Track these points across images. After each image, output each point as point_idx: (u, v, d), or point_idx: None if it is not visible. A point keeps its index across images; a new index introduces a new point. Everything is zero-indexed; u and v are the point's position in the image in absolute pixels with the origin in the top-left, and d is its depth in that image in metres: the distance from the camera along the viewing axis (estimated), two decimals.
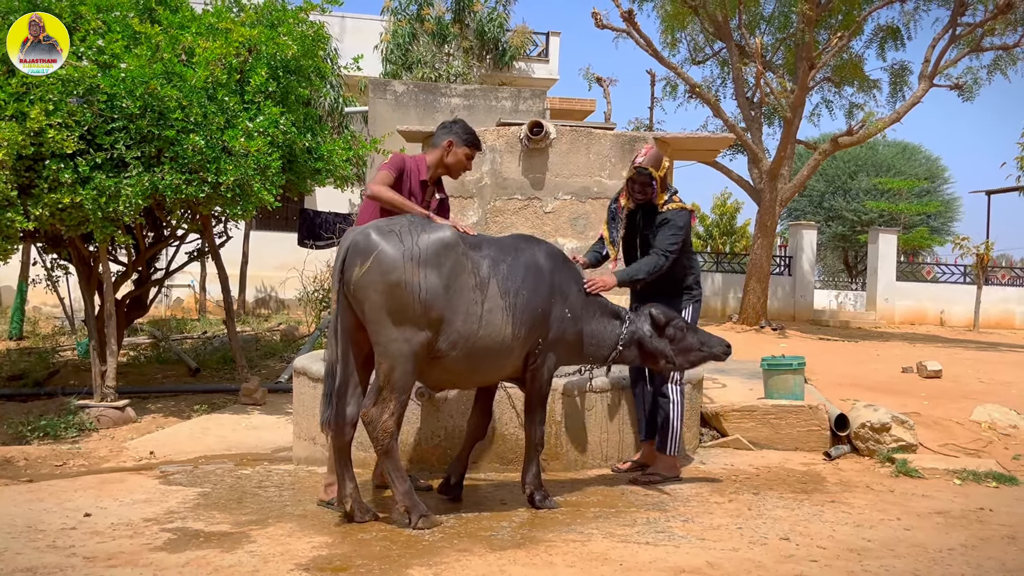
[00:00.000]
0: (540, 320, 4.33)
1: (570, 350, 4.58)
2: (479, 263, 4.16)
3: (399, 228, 4.01)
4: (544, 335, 4.37)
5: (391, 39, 19.53)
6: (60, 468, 5.49)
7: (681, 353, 4.77)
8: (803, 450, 6.06)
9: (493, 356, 4.21)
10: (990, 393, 7.88)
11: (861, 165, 30.12)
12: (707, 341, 4.86)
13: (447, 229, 4.12)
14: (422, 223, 4.10)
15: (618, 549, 3.82)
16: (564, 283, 4.49)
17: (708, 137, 9.08)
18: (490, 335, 4.14)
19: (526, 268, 4.31)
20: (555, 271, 4.46)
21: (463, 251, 4.11)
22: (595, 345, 4.65)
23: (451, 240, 4.07)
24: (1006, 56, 17.24)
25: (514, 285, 4.22)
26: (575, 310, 4.52)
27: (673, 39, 20.12)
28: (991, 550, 3.99)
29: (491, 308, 4.14)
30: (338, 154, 7.75)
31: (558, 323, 4.42)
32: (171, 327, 13.37)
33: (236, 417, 7.20)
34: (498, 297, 4.16)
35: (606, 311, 4.71)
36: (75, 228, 6.53)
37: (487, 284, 4.15)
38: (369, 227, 4.03)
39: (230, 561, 3.57)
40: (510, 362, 4.32)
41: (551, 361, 4.45)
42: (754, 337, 14.41)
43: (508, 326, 4.18)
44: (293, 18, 7.65)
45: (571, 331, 4.52)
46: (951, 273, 21.76)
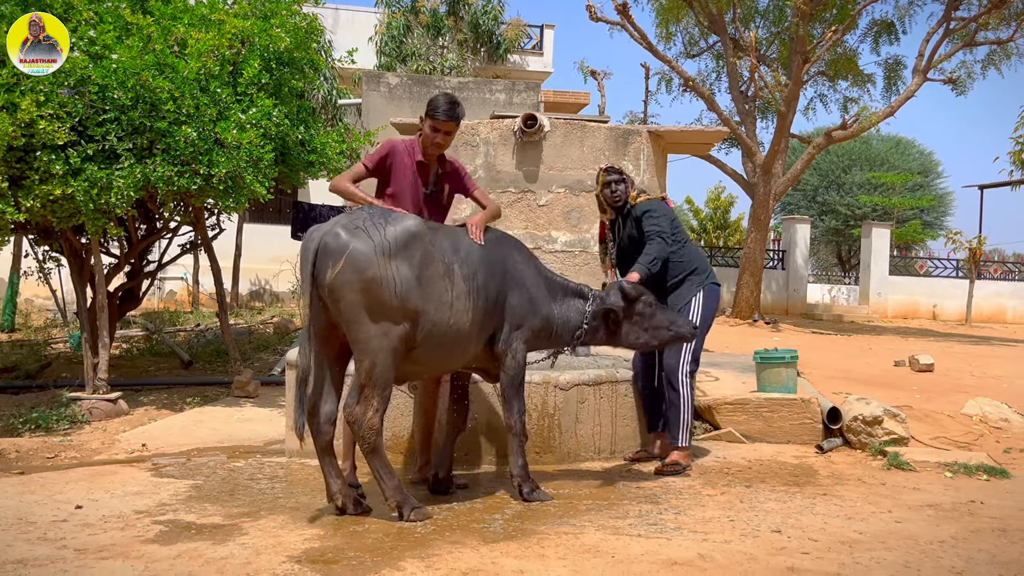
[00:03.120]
0: (496, 304, 4.33)
1: (538, 336, 4.57)
2: (444, 250, 4.16)
3: (364, 223, 3.97)
4: (503, 319, 4.38)
5: (385, 31, 19.48)
6: (52, 460, 5.47)
7: (649, 331, 4.72)
8: (795, 443, 6.07)
9: (457, 343, 4.21)
10: (982, 387, 7.91)
11: (855, 159, 30.21)
12: (675, 320, 4.81)
13: (411, 218, 4.10)
14: (384, 215, 4.05)
15: (610, 541, 3.83)
16: (517, 268, 4.49)
17: (702, 131, 9.07)
18: (457, 322, 4.14)
19: (479, 253, 4.31)
20: (506, 256, 4.47)
21: (430, 239, 4.10)
22: (563, 327, 4.65)
23: (417, 229, 4.06)
24: (1000, 51, 17.28)
25: (470, 269, 4.22)
26: (535, 295, 4.52)
27: (668, 32, 20.12)
28: (982, 542, 4.00)
29: (458, 295, 4.14)
30: (331, 147, 7.72)
31: (517, 307, 4.42)
32: (164, 320, 13.34)
33: (229, 410, 7.19)
34: (461, 283, 4.16)
35: (569, 291, 4.70)
36: (67, 220, 6.50)
37: (452, 271, 4.15)
38: (335, 226, 3.96)
39: (222, 553, 3.57)
40: (472, 348, 4.32)
41: (519, 348, 4.44)
42: (747, 331, 14.44)
43: (470, 311, 4.19)
44: (286, 10, 7.60)
45: (535, 316, 4.51)
46: (944, 267, 21.82)
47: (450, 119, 4.46)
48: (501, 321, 4.39)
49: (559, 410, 5.30)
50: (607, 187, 5.23)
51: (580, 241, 6.79)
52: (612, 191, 5.23)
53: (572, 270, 6.80)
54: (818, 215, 29.18)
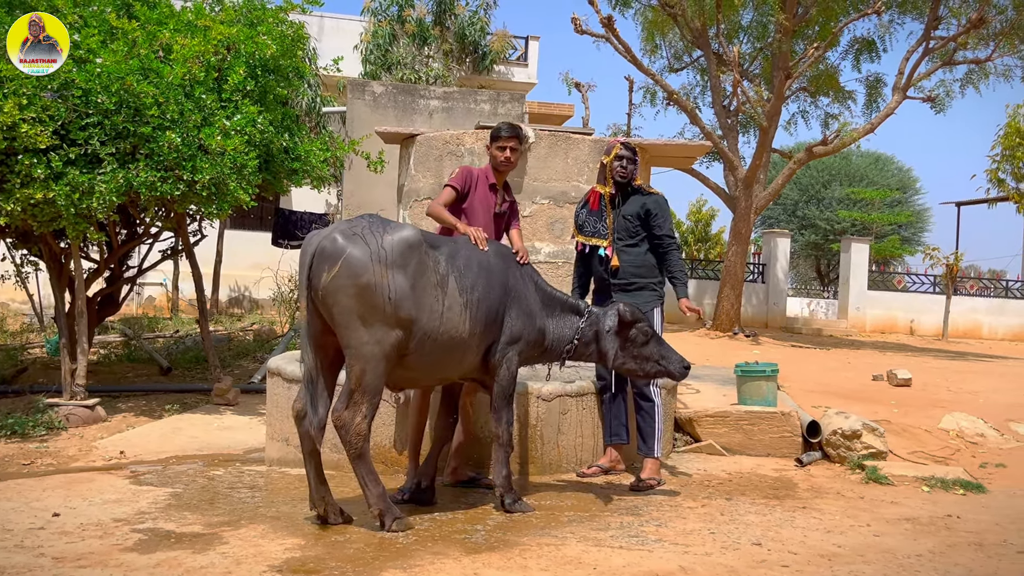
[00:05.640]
0: (495, 317, 4.37)
1: (532, 348, 4.60)
2: (438, 260, 4.20)
3: (362, 230, 4.01)
4: (500, 332, 4.40)
5: (371, 40, 19.46)
6: (28, 467, 5.41)
7: (637, 359, 4.67)
8: (775, 456, 6.11)
9: (452, 353, 4.24)
10: (958, 402, 7.99)
11: (835, 175, 30.48)
12: (668, 356, 4.71)
13: (409, 228, 4.17)
14: (383, 223, 4.10)
15: (592, 553, 3.83)
16: (517, 281, 4.54)
17: (685, 144, 9.13)
18: (449, 332, 4.17)
19: (479, 266, 4.36)
20: (507, 269, 4.52)
21: (425, 249, 4.14)
22: (557, 341, 4.68)
23: (414, 239, 4.10)
24: (978, 70, 17.48)
25: (469, 282, 4.27)
26: (531, 308, 4.56)
27: (653, 46, 20.23)
28: (958, 556, 4.04)
29: (450, 305, 4.18)
30: (315, 155, 7.70)
31: (515, 321, 4.45)
32: (143, 325, 13.22)
33: (208, 417, 7.14)
34: (456, 294, 4.21)
35: (566, 307, 4.73)
36: (47, 224, 6.45)
37: (446, 281, 4.19)
38: (333, 231, 4.03)
39: (202, 562, 3.54)
40: (468, 359, 4.35)
41: (512, 360, 4.46)
42: (728, 344, 14.50)
43: (466, 322, 4.22)
44: (273, 17, 7.60)
45: (530, 329, 4.54)
46: (921, 283, 22.03)
47: (512, 135, 5.01)
48: (499, 333, 4.41)
49: (541, 421, 5.31)
50: (619, 160, 5.31)
51: (563, 252, 6.80)
52: (623, 166, 5.30)
53: (555, 281, 6.80)
54: (798, 229, 29.39)
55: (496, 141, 5.02)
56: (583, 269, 5.54)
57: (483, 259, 4.42)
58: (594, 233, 5.37)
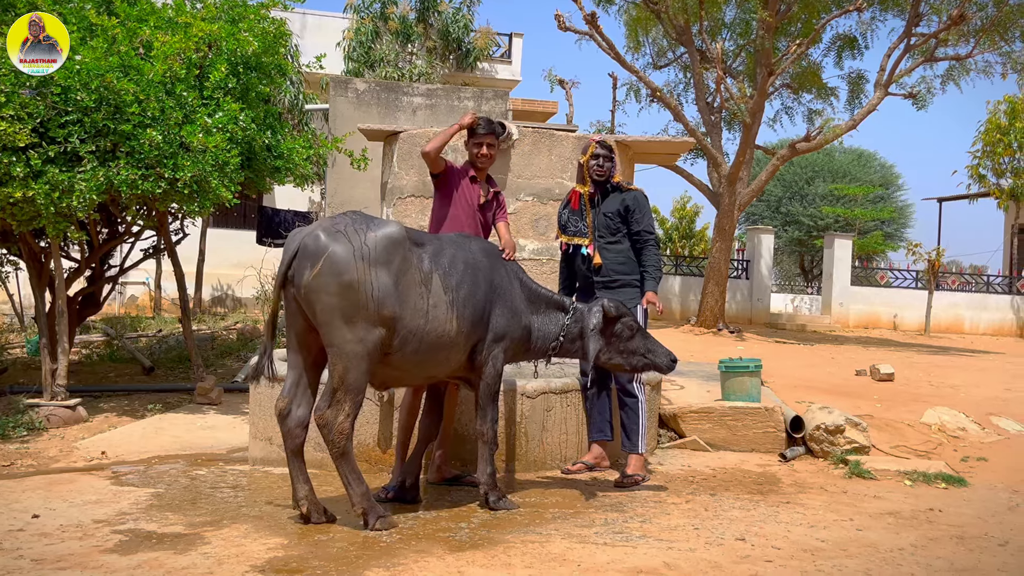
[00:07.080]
0: (481, 315, 4.35)
1: (518, 346, 4.60)
2: (423, 258, 4.19)
3: (345, 227, 3.99)
4: (486, 330, 4.39)
5: (354, 37, 19.39)
6: (7, 468, 5.35)
7: (623, 354, 4.67)
8: (759, 451, 6.13)
9: (438, 351, 4.23)
10: (940, 396, 8.05)
11: (818, 171, 30.63)
12: (654, 349, 4.71)
13: (393, 225, 4.15)
14: (366, 220, 4.09)
15: (576, 550, 3.83)
16: (502, 278, 4.53)
17: (669, 141, 9.14)
18: (435, 330, 4.16)
19: (465, 264, 4.34)
20: (493, 267, 4.50)
21: (409, 247, 4.12)
22: (542, 339, 4.67)
23: (398, 236, 4.08)
24: (959, 66, 17.60)
25: (455, 280, 4.25)
26: (517, 305, 4.55)
27: (636, 43, 20.25)
28: (940, 550, 4.07)
29: (435, 303, 4.16)
30: (298, 152, 7.66)
31: (501, 318, 4.44)
32: (125, 325, 13.12)
33: (191, 417, 7.09)
34: (441, 292, 4.19)
35: (552, 304, 4.72)
36: (26, 223, 6.37)
37: (430, 279, 4.18)
38: (316, 229, 4.01)
39: (183, 563, 3.52)
40: (455, 357, 4.33)
41: (498, 357, 4.45)
42: (712, 340, 14.55)
43: (452, 321, 4.21)
44: (254, 14, 7.54)
45: (516, 326, 4.53)
46: (904, 278, 22.16)
47: (489, 132, 5.05)
48: (485, 331, 4.40)
49: (526, 418, 5.31)
50: (595, 159, 5.32)
51: (548, 249, 6.80)
52: (599, 164, 5.32)
53: (539, 278, 6.78)
54: (782, 226, 29.51)
55: (473, 137, 5.04)
56: (568, 269, 5.55)
57: (468, 257, 4.40)
58: (576, 232, 5.39)
